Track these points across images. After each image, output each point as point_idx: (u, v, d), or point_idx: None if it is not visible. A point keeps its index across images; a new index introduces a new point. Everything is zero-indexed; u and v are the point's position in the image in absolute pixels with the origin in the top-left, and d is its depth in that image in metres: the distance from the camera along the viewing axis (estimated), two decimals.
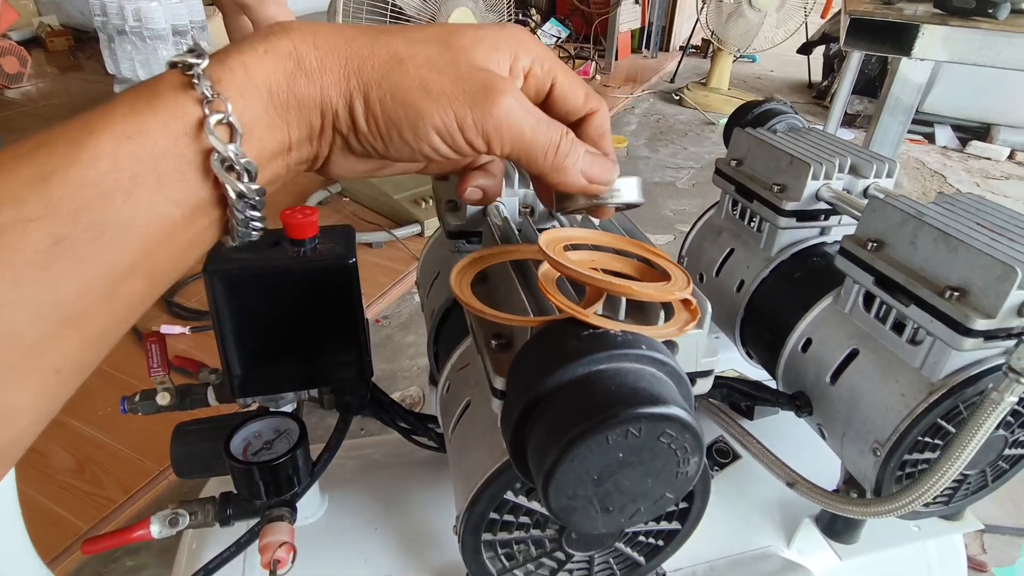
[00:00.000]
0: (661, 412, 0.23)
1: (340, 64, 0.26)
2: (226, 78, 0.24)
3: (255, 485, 0.40)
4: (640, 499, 0.26)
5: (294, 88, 0.25)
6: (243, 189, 0.25)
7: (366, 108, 0.26)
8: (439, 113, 0.26)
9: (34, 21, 3.83)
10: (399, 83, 0.26)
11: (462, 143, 0.27)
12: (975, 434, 0.40)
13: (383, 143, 0.27)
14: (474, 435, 0.39)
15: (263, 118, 0.25)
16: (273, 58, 0.25)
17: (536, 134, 0.28)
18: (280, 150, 0.26)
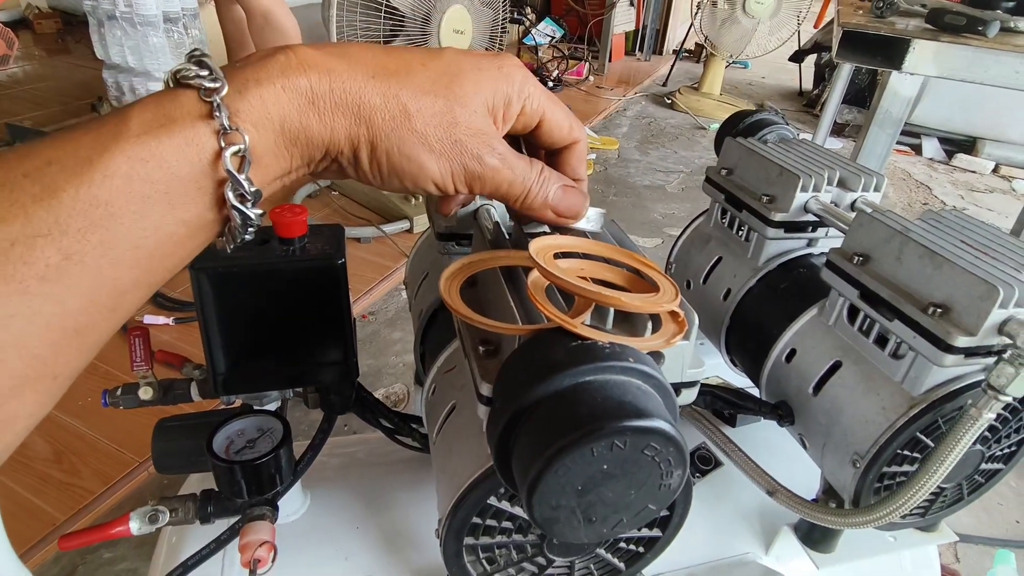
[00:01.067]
0: (646, 426, 0.24)
1: (352, 111, 0.27)
2: (244, 110, 0.25)
3: (237, 484, 0.40)
4: (623, 510, 0.26)
5: (305, 125, 0.26)
6: (248, 214, 0.26)
7: (371, 155, 0.28)
8: (439, 167, 0.29)
9: (22, 2, 3.77)
10: (406, 138, 0.28)
11: (451, 189, 0.30)
12: (953, 449, 0.41)
13: (380, 182, 0.29)
14: (459, 439, 0.39)
15: (272, 149, 0.26)
16: (290, 95, 0.26)
17: (513, 185, 0.31)
18: (281, 175, 0.28)
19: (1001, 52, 0.93)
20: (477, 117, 0.30)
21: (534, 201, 0.32)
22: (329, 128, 0.27)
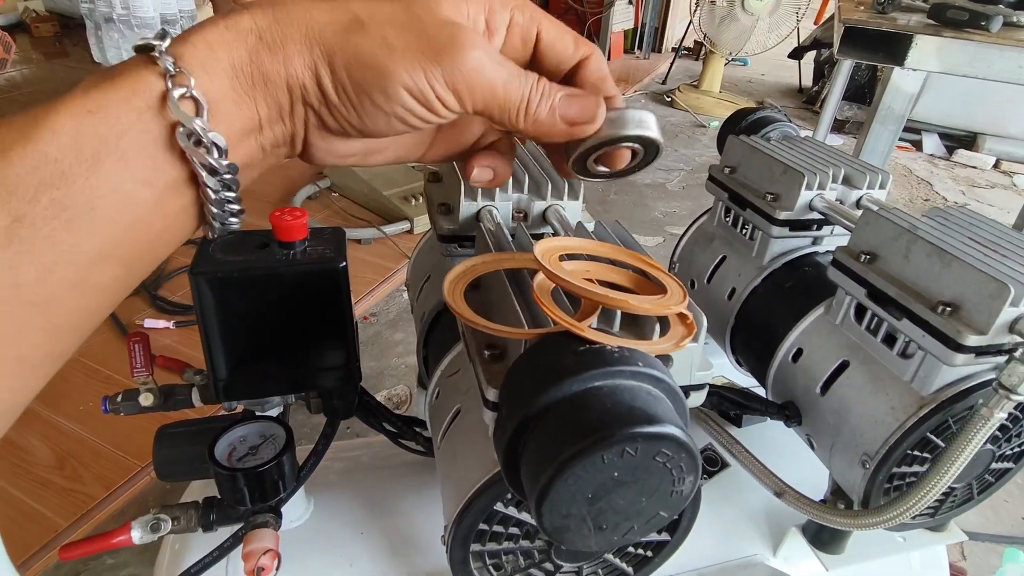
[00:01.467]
0: (657, 432, 0.23)
1: (301, 34, 0.25)
2: (188, 53, 0.24)
3: (240, 492, 0.40)
4: (634, 517, 0.25)
5: (258, 64, 0.25)
6: (213, 163, 0.24)
7: (333, 77, 0.25)
8: (406, 71, 0.25)
9: (19, 6, 3.76)
10: (362, 45, 0.25)
11: (435, 101, 0.26)
12: (964, 449, 0.40)
13: (356, 113, 0.26)
14: (464, 444, 0.38)
15: (228, 94, 0.25)
16: (234, 34, 0.24)
17: (508, 88, 0.27)
18: (250, 128, 0.26)
19: (1004, 47, 0.92)
20: (445, 14, 0.26)
21: (539, 112, 0.28)
22: (282, 60, 0.25)
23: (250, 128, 0.26)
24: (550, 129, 0.29)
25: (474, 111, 0.28)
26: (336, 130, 0.27)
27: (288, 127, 0.27)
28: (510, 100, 0.27)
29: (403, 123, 0.27)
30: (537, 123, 0.29)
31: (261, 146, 0.27)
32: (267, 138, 0.27)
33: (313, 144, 0.29)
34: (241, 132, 0.26)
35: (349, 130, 0.27)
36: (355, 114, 0.26)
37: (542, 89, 0.28)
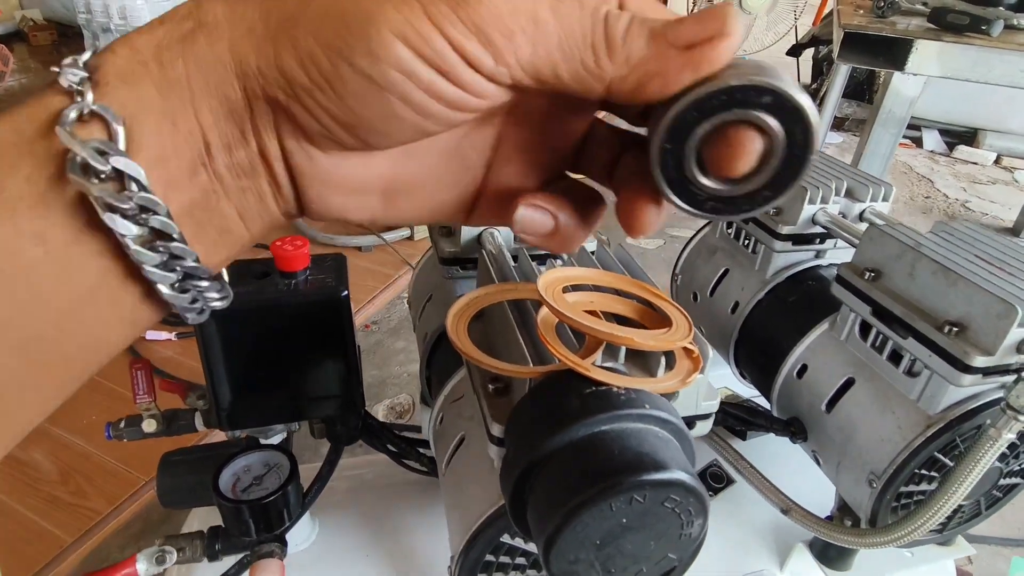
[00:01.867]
0: (666, 479, 0.23)
1: (254, 8, 0.18)
2: (107, 62, 0.18)
3: (245, 523, 0.39)
4: (643, 561, 0.25)
5: (193, 52, 0.18)
6: (129, 205, 0.17)
7: (296, 49, 0.17)
8: (397, 9, 0.17)
9: (16, 15, 3.76)
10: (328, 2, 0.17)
11: (452, 56, 0.17)
12: (972, 469, 0.40)
13: (337, 97, 0.18)
14: (469, 474, 0.38)
15: (155, 103, 0.17)
16: (167, 26, 0.18)
17: (561, 11, 0.18)
18: (191, 148, 0.18)
19: (1005, 51, 0.92)
20: None
21: (632, 41, 0.18)
22: (227, 42, 0.18)
23: (191, 148, 0.18)
24: (659, 64, 0.18)
25: (523, 68, 0.18)
26: (319, 133, 0.19)
27: (252, 142, 0.19)
28: (574, 32, 0.18)
29: (414, 109, 0.18)
30: (633, 59, 0.18)
31: (216, 175, 0.19)
32: (222, 162, 0.19)
33: (302, 172, 0.20)
34: (178, 156, 0.18)
35: (336, 131, 0.19)
36: (336, 99, 0.18)
37: (629, 15, 0.18)
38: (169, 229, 0.18)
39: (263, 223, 0.21)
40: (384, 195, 0.22)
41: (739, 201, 0.20)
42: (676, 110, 0.18)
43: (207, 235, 0.19)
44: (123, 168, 0.17)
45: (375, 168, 0.21)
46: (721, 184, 0.19)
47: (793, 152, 0.18)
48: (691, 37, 0.18)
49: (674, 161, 0.19)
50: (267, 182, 0.20)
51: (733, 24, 0.17)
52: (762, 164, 0.19)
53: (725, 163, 0.19)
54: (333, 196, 0.21)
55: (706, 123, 0.18)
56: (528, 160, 0.23)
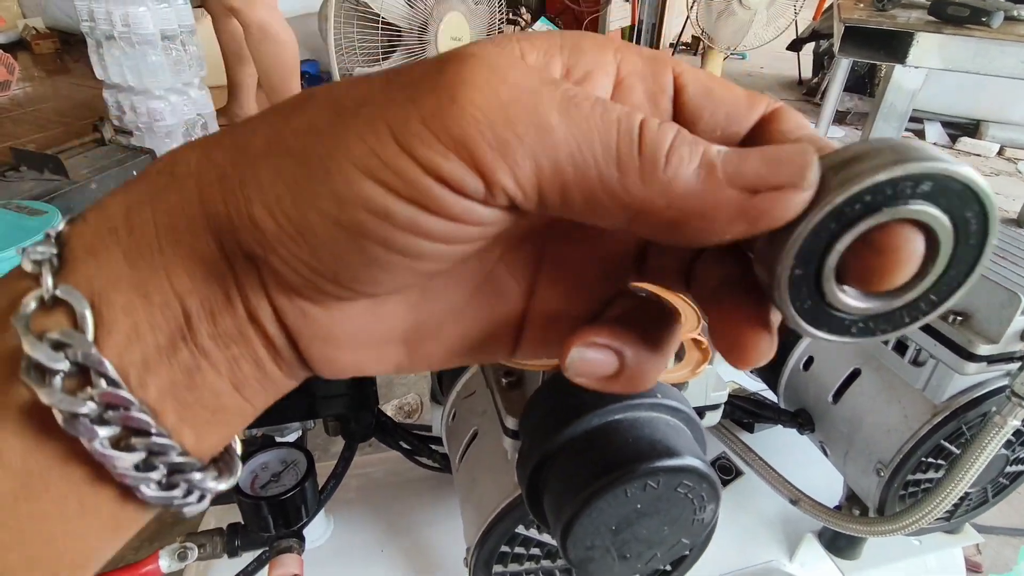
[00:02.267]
0: (678, 464, 0.24)
1: (228, 150, 0.16)
2: (75, 233, 0.16)
3: (264, 519, 0.40)
4: (657, 546, 0.26)
5: (164, 211, 0.15)
6: (88, 408, 0.14)
7: (263, 193, 0.15)
8: (359, 135, 0.14)
9: (18, 23, 3.79)
10: (297, 128, 0.15)
11: (425, 181, 0.14)
12: (979, 456, 0.40)
13: (309, 247, 0.15)
14: (483, 467, 0.39)
15: (124, 273, 0.15)
16: (142, 184, 0.16)
17: (575, 113, 0.14)
18: (168, 321, 0.15)
19: (1006, 42, 0.92)
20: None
21: (677, 166, 0.14)
22: (196, 192, 0.15)
23: (169, 321, 0.15)
24: (707, 203, 0.14)
25: (528, 193, 0.14)
26: (305, 286, 0.16)
27: (239, 305, 0.16)
28: (599, 143, 0.14)
29: (400, 252, 0.15)
30: (675, 189, 0.14)
31: (200, 349, 0.16)
32: (206, 332, 0.16)
33: (299, 332, 0.17)
34: (155, 332, 0.15)
35: (322, 284, 0.16)
36: (306, 245, 0.15)
37: (675, 130, 0.14)
38: (144, 425, 0.15)
39: (266, 391, 0.18)
40: (406, 343, 0.19)
41: (896, 315, 0.15)
42: (810, 225, 0.14)
43: (196, 417, 0.16)
44: (85, 362, 0.14)
45: (387, 316, 0.18)
46: (873, 301, 0.15)
47: (965, 242, 0.14)
48: (756, 180, 0.14)
49: (808, 288, 0.15)
50: (262, 346, 0.17)
51: (812, 175, 0.14)
52: (924, 266, 0.14)
53: (878, 277, 0.14)
54: (341, 354, 0.17)
55: (849, 234, 0.14)
56: (577, 277, 0.19)
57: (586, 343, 0.17)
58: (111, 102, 2.17)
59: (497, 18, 1.98)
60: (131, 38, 1.94)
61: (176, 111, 2.13)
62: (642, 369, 0.18)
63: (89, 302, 0.15)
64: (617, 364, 0.17)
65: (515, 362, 0.29)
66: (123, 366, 0.15)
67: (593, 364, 0.17)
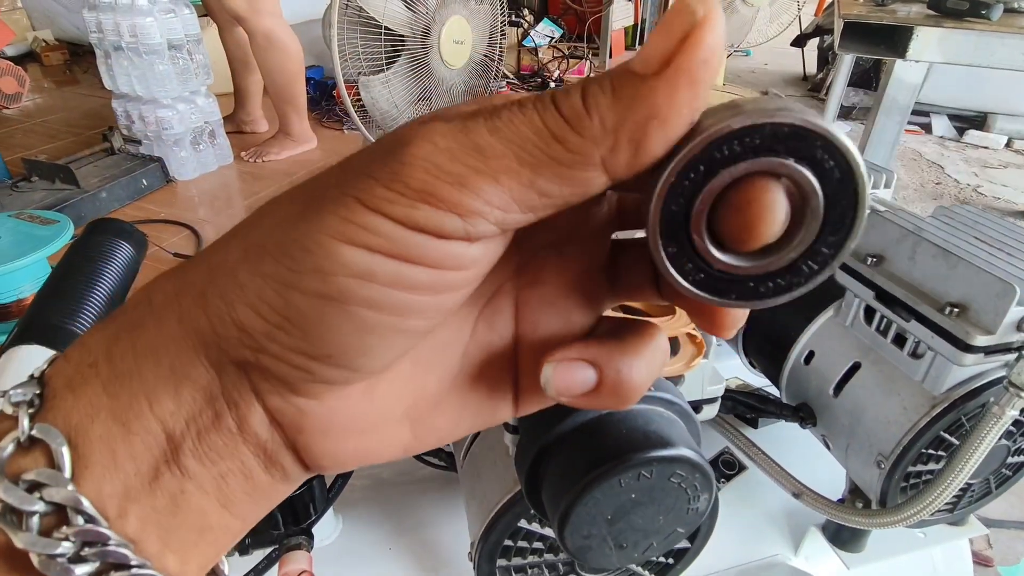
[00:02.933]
0: (671, 455, 0.24)
1: (203, 270, 0.16)
2: (57, 372, 0.16)
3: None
4: (653, 535, 0.27)
5: (144, 339, 0.16)
6: (62, 549, 0.15)
7: (244, 293, 0.15)
8: (333, 210, 0.14)
9: (28, 36, 3.84)
10: (268, 228, 0.15)
11: (404, 233, 0.14)
12: (978, 447, 0.41)
13: (300, 332, 0.15)
14: (486, 463, 0.40)
15: (103, 405, 0.15)
16: (121, 319, 0.17)
17: (500, 124, 0.14)
18: (149, 449, 0.16)
19: (1006, 35, 0.92)
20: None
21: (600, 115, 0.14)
22: (176, 312, 0.16)
23: (150, 449, 0.16)
24: (644, 106, 0.14)
25: (507, 209, 0.15)
26: (300, 379, 0.16)
27: (229, 419, 0.16)
28: (531, 133, 0.14)
29: (391, 312, 0.15)
30: (610, 119, 0.14)
31: (184, 471, 0.16)
32: (191, 452, 0.16)
33: (297, 429, 0.17)
34: (135, 461, 0.15)
35: (317, 369, 0.16)
36: (296, 331, 0.15)
37: (583, 81, 0.15)
38: (125, 560, 0.15)
39: (257, 504, 0.18)
40: (409, 421, 0.18)
41: (775, 280, 0.15)
42: (673, 167, 0.14)
43: (181, 541, 0.16)
44: (61, 501, 0.15)
45: (383, 396, 0.18)
46: (745, 260, 0.15)
47: (837, 208, 0.14)
48: (663, 49, 0.14)
49: (680, 239, 0.15)
50: (252, 455, 0.17)
51: (703, 4, 0.13)
52: (794, 228, 0.15)
53: (741, 230, 0.14)
54: (343, 444, 0.17)
55: (714, 181, 0.14)
56: (556, 312, 0.19)
57: (559, 359, 0.18)
58: (120, 112, 2.20)
59: (499, 20, 1.99)
60: (139, 48, 1.97)
61: (184, 119, 2.16)
62: (624, 381, 0.17)
63: (66, 437, 0.15)
64: (595, 378, 0.17)
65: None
66: (101, 499, 0.15)
67: (569, 380, 0.17)
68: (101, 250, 0.43)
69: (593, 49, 4.25)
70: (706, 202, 0.14)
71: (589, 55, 4.16)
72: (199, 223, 1.99)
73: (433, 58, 1.66)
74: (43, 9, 3.85)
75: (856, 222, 0.14)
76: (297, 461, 0.17)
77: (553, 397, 0.18)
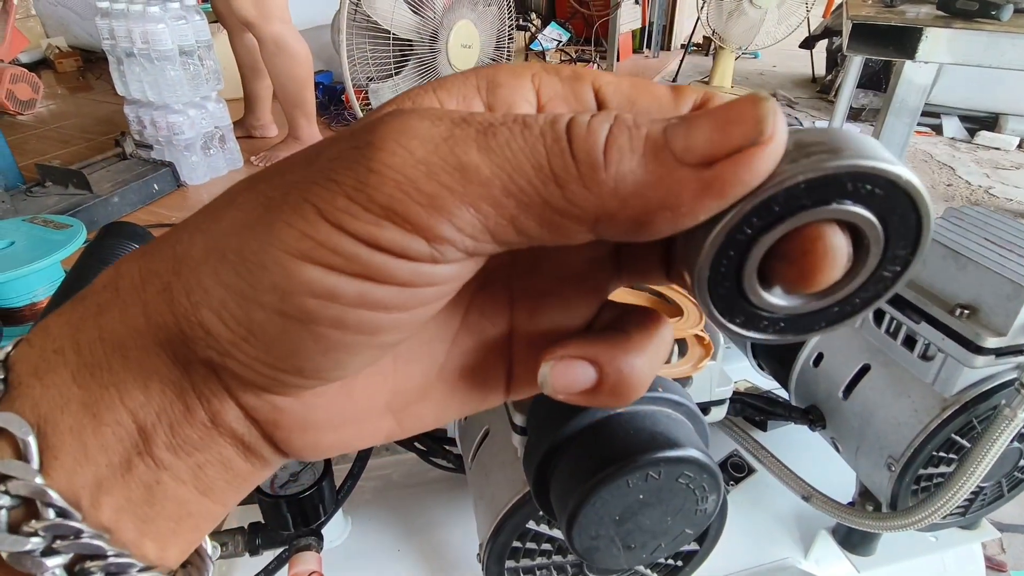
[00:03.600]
0: (678, 455, 0.24)
1: (168, 260, 0.15)
2: (21, 357, 0.16)
3: (284, 517, 0.42)
4: (661, 536, 0.27)
5: (110, 327, 0.15)
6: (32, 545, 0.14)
7: (208, 297, 0.14)
8: (286, 220, 0.13)
9: (42, 43, 3.89)
10: (228, 229, 0.14)
11: (365, 252, 0.13)
12: (989, 449, 0.40)
13: (263, 345, 0.14)
14: (494, 465, 0.40)
15: (72, 395, 0.15)
16: (86, 302, 0.16)
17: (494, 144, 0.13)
18: (120, 439, 0.15)
19: (1017, 35, 0.91)
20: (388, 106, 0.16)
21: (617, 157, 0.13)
22: (140, 304, 0.15)
23: (121, 440, 0.15)
24: (665, 190, 0.13)
25: (480, 238, 0.13)
26: (270, 383, 0.15)
27: (200, 412, 0.15)
28: (529, 164, 0.13)
29: (356, 330, 0.14)
30: (625, 187, 0.13)
31: (158, 462, 0.15)
32: (163, 444, 0.15)
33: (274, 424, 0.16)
34: (106, 452, 0.15)
35: (286, 379, 0.15)
36: (259, 344, 0.14)
37: (608, 120, 0.13)
38: (100, 551, 0.15)
39: (237, 489, 0.17)
40: (392, 412, 0.18)
41: (826, 314, 0.15)
42: (726, 225, 0.13)
43: (159, 529, 0.16)
44: (28, 494, 0.14)
45: (363, 391, 0.17)
46: (799, 300, 0.14)
47: (897, 240, 0.14)
48: (709, 148, 0.12)
49: (729, 285, 0.14)
50: (229, 446, 0.16)
51: (772, 122, 0.12)
52: (856, 264, 0.14)
53: (803, 277, 0.14)
54: (322, 437, 0.17)
55: (771, 234, 0.13)
56: (555, 299, 0.18)
57: (556, 357, 0.17)
58: (132, 117, 2.22)
59: (507, 24, 2.00)
60: (150, 54, 1.99)
61: (195, 124, 2.18)
62: (625, 378, 0.16)
63: (35, 427, 0.14)
64: (595, 376, 0.17)
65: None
66: (73, 490, 0.15)
67: (567, 379, 0.17)
68: (115, 253, 0.43)
69: (601, 52, 4.25)
70: (759, 254, 0.13)
71: (596, 58, 4.17)
72: None
73: (441, 62, 1.67)
74: (57, 16, 3.90)
75: (916, 258, 0.14)
76: (276, 451, 0.17)
77: (550, 395, 0.17)
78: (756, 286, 0.14)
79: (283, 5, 2.09)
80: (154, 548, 0.16)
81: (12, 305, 1.38)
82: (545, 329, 0.18)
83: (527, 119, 0.13)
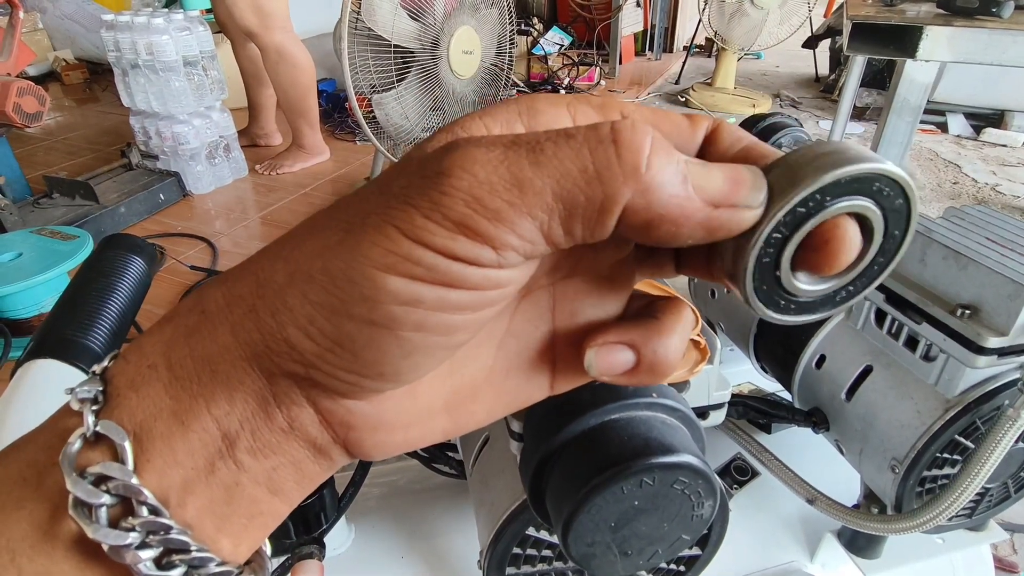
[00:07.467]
0: (673, 461, 0.24)
1: (251, 285, 0.17)
2: (118, 372, 0.18)
3: (284, 526, 0.42)
4: (658, 542, 0.26)
5: (200, 346, 0.17)
6: (130, 539, 0.16)
7: (294, 316, 0.16)
8: (371, 240, 0.15)
9: (49, 56, 3.93)
10: (311, 253, 0.16)
11: (444, 263, 0.15)
12: (993, 450, 0.40)
13: (350, 355, 0.16)
14: (493, 472, 0.40)
15: (165, 405, 0.17)
16: (175, 323, 0.18)
17: (543, 158, 0.15)
18: (205, 446, 0.17)
19: (1018, 32, 0.91)
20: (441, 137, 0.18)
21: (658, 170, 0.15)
22: (228, 326, 0.17)
23: (206, 446, 0.17)
24: (680, 208, 0.16)
25: (536, 243, 0.16)
26: (350, 390, 0.17)
27: (280, 419, 0.18)
28: (576, 169, 0.15)
29: (434, 332, 0.16)
30: (656, 192, 0.15)
31: (240, 464, 0.17)
32: (245, 448, 0.17)
33: (349, 426, 0.18)
34: (192, 457, 0.17)
35: (366, 383, 0.17)
36: (347, 354, 0.16)
37: (650, 132, 0.16)
38: (185, 546, 0.17)
39: (303, 489, 0.19)
40: (448, 411, 0.20)
41: (841, 292, 0.18)
42: (765, 232, 0.16)
43: (233, 527, 0.18)
44: (125, 493, 0.16)
45: (425, 392, 0.19)
46: (824, 283, 0.18)
47: (894, 224, 0.17)
48: (719, 196, 0.16)
49: (768, 279, 0.17)
50: (303, 448, 0.18)
51: (763, 197, 0.16)
52: (863, 248, 0.18)
53: (828, 263, 0.17)
54: (390, 437, 0.19)
55: (800, 232, 0.17)
56: (590, 298, 0.21)
57: (599, 344, 0.19)
58: (137, 128, 2.24)
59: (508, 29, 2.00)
60: (155, 65, 2.01)
61: (199, 134, 2.20)
62: (660, 359, 0.19)
63: (132, 434, 0.17)
64: (634, 358, 0.19)
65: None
66: (162, 490, 0.17)
67: (610, 362, 0.19)
68: (114, 265, 0.44)
69: (603, 56, 4.26)
70: (794, 245, 0.17)
71: (599, 61, 4.17)
72: (215, 236, 2.02)
73: (443, 69, 1.68)
74: (63, 29, 3.95)
75: (906, 239, 0.18)
76: (345, 452, 0.19)
77: (596, 377, 0.20)
78: (790, 276, 0.17)
79: (284, 14, 2.11)
80: (229, 544, 0.18)
81: (20, 316, 1.39)
82: (584, 324, 0.21)
83: (568, 131, 0.16)
